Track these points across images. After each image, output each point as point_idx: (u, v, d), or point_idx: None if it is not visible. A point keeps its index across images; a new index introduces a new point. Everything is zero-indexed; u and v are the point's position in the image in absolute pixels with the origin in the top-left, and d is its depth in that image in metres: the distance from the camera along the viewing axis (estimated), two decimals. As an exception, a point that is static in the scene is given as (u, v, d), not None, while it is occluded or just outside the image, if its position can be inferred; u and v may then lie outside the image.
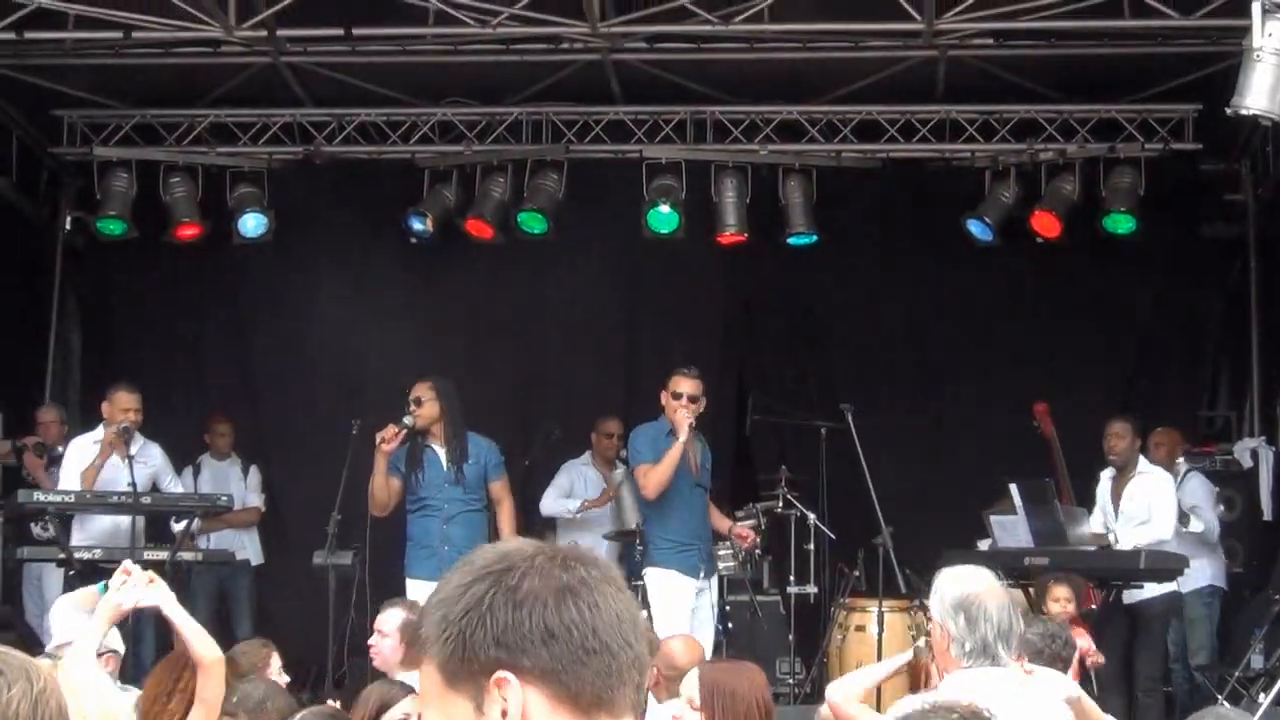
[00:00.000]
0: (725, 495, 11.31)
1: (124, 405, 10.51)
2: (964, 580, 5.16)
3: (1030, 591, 9.31)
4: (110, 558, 10.15)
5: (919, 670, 6.43)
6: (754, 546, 10.58)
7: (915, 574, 10.18)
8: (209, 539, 11.79)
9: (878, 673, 6.48)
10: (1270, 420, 12.91)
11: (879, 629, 10.01)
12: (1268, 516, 12.30)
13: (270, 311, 13.17)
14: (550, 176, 12.64)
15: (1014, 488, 10.04)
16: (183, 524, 10.58)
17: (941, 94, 12.55)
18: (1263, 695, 9.57)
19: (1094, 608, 9.51)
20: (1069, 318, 12.89)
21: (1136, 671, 10.20)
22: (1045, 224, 12.35)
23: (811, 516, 11.19)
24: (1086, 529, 10.12)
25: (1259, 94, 8.46)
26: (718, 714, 4.96)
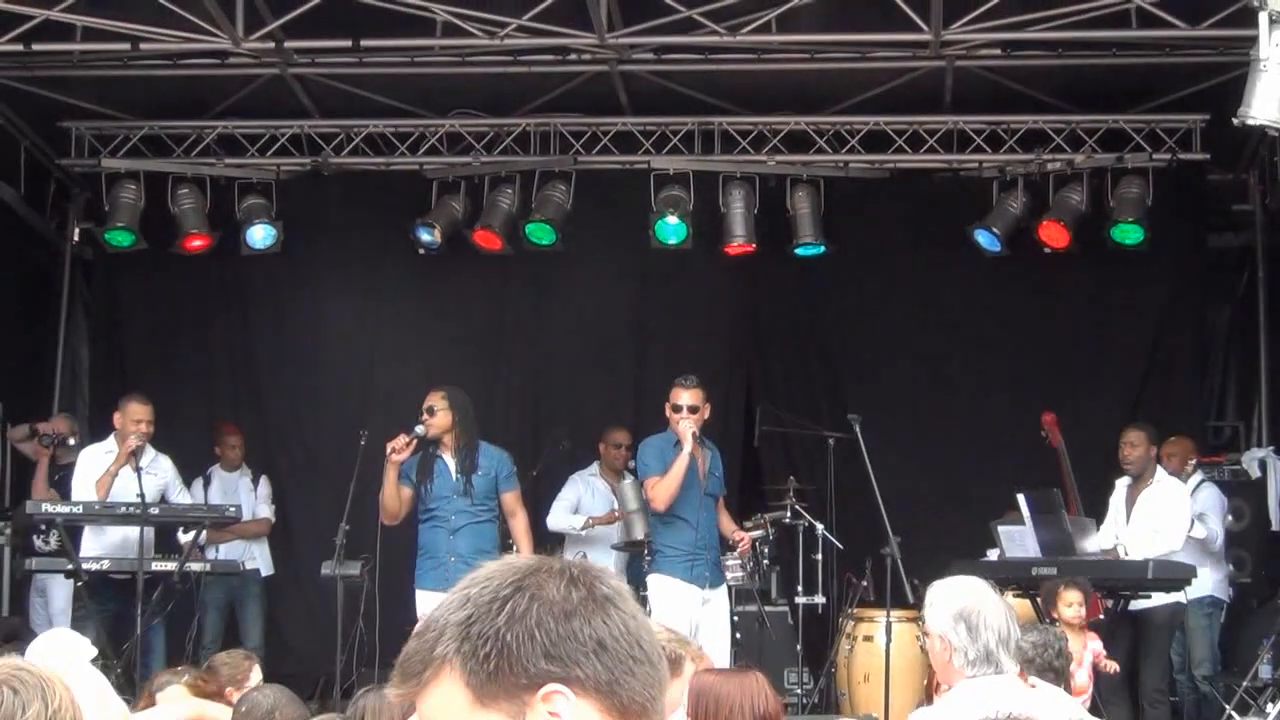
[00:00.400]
0: (734, 506, 11.28)
1: (136, 416, 10.54)
2: (961, 591, 5.18)
3: (1037, 601, 9.29)
4: (119, 569, 10.19)
5: (933, 682, 6.43)
6: (747, 553, 10.53)
7: (923, 584, 10.14)
8: (218, 550, 11.80)
9: None
10: (1278, 430, 12.91)
11: (887, 639, 10.00)
12: (1276, 526, 12.29)
13: (278, 323, 13.18)
14: (558, 187, 12.65)
15: (1022, 498, 10.02)
16: (190, 535, 10.60)
17: (949, 105, 12.53)
18: (1270, 705, 9.56)
19: (1101, 617, 9.49)
20: (1077, 328, 12.87)
21: (1142, 681, 10.18)
22: (1053, 234, 12.31)
23: (819, 527, 11.17)
24: (1095, 541, 10.10)
25: (1266, 104, 8.46)
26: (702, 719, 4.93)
